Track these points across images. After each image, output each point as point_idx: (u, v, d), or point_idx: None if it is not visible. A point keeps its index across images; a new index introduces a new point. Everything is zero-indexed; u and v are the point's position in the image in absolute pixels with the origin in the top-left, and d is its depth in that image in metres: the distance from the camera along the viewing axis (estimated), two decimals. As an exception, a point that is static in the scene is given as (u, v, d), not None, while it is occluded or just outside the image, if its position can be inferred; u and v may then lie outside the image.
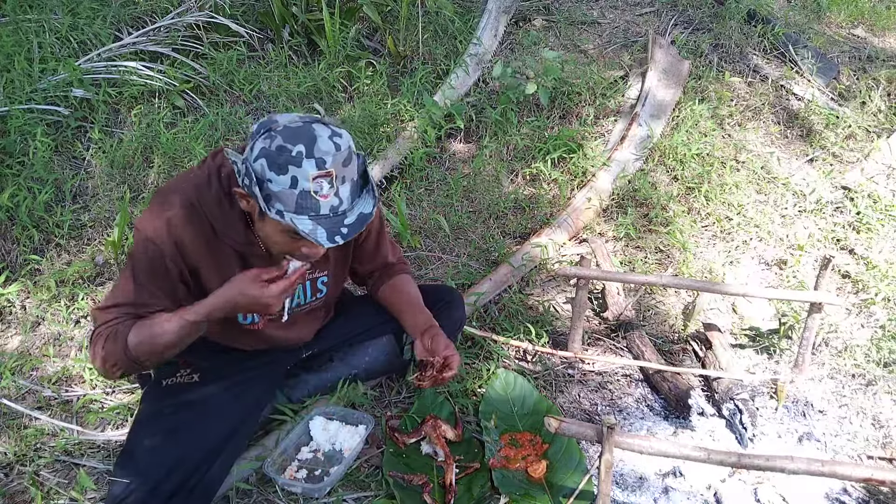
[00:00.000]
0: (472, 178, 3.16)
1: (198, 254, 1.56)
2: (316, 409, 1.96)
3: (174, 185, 1.59)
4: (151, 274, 1.55)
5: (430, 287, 2.42)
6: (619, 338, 2.49)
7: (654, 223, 2.98)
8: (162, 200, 1.55)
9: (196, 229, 1.54)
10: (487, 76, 3.72)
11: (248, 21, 3.72)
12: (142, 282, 1.55)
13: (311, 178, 1.37)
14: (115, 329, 1.52)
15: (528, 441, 1.96)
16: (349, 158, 1.43)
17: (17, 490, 1.80)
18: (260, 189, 1.39)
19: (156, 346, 1.52)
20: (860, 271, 2.75)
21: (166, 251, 1.53)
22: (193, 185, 1.56)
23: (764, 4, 4.35)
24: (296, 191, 1.38)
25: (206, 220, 1.55)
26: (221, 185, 1.55)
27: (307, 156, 1.37)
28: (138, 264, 1.55)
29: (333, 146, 1.40)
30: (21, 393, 2.12)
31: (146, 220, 1.54)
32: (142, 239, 1.53)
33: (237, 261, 1.62)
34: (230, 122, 3.20)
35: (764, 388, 2.31)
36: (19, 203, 2.66)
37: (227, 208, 1.56)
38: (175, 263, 1.55)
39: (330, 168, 1.38)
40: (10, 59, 3.12)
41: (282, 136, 1.39)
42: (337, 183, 1.41)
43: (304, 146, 1.38)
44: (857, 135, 3.49)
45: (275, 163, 1.37)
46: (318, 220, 1.40)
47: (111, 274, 2.61)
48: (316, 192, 1.39)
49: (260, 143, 1.40)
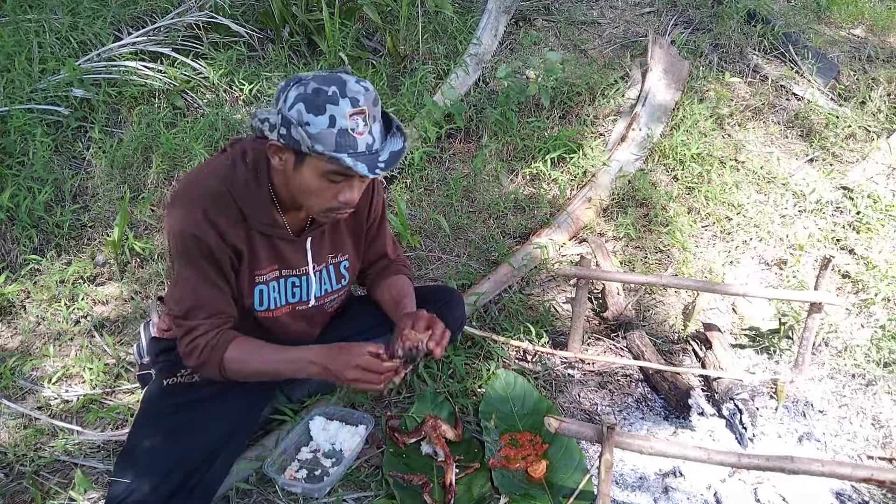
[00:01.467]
0: (472, 178, 3.16)
1: (235, 237, 1.61)
2: (316, 409, 1.96)
3: (197, 178, 1.61)
4: (206, 267, 1.58)
5: (430, 287, 2.42)
6: (619, 338, 2.49)
7: (654, 223, 2.98)
8: (190, 195, 1.57)
9: (229, 214, 1.58)
10: (487, 76, 3.72)
11: (248, 21, 3.72)
12: (201, 279, 1.59)
13: (347, 115, 1.44)
14: (212, 343, 1.60)
15: (528, 441, 1.96)
16: (376, 99, 1.50)
17: (17, 490, 1.80)
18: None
19: (249, 371, 1.64)
20: (860, 271, 2.75)
21: (212, 242, 1.56)
22: (220, 171, 1.60)
23: (764, 4, 4.35)
24: (334, 129, 1.43)
25: (236, 205, 1.59)
26: (248, 169, 1.60)
27: (342, 95, 1.44)
28: (190, 264, 1.58)
29: (362, 87, 1.47)
30: (21, 393, 2.12)
31: (181, 218, 1.55)
32: (185, 238, 1.55)
33: (265, 242, 1.66)
34: (230, 122, 3.20)
35: (764, 388, 2.31)
36: (19, 203, 2.66)
37: (254, 189, 1.61)
38: (222, 251, 1.59)
39: (363, 106, 1.45)
40: (10, 59, 3.13)
41: (315, 82, 1.45)
42: (370, 121, 1.48)
43: (337, 87, 1.44)
44: (857, 135, 3.49)
45: (312, 104, 1.43)
46: (356, 156, 1.46)
47: (111, 274, 2.61)
48: (353, 129, 1.45)
49: (294, 92, 1.45)
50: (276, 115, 1.48)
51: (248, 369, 1.63)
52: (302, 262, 1.74)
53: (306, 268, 1.75)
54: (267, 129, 1.52)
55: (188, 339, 1.60)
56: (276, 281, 1.72)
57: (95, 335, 2.35)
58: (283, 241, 1.68)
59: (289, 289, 1.75)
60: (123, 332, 2.38)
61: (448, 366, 2.19)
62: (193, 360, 1.61)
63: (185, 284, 1.59)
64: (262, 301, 1.72)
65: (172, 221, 1.57)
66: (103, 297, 2.51)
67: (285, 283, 1.74)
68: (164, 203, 1.66)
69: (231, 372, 1.62)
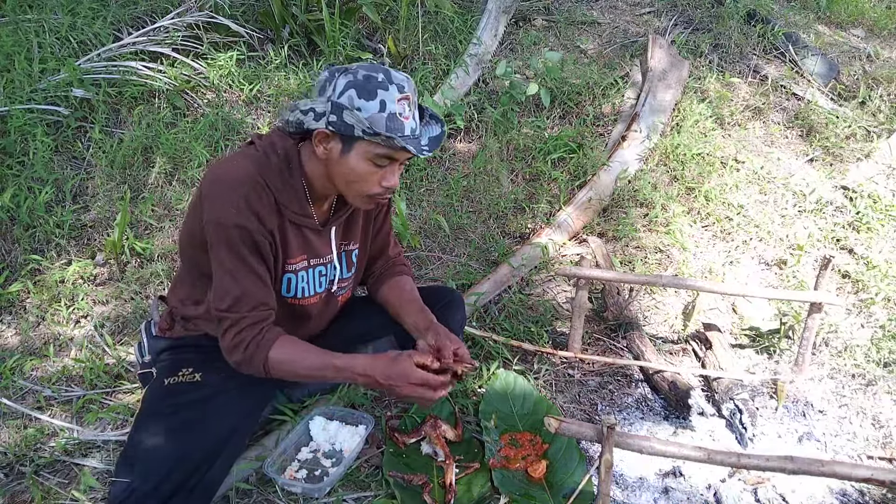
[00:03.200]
0: (472, 178, 3.16)
1: (270, 224, 1.63)
2: (316, 409, 1.96)
3: (233, 167, 1.61)
4: (249, 258, 1.60)
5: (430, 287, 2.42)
6: (619, 338, 2.49)
7: (654, 223, 2.98)
8: (229, 184, 1.58)
9: (265, 201, 1.61)
10: (487, 76, 3.72)
11: (248, 21, 3.72)
12: (245, 270, 1.60)
13: (396, 100, 1.51)
14: (257, 340, 1.61)
15: (528, 441, 1.96)
16: (415, 88, 1.59)
17: (17, 490, 1.80)
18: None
19: (293, 373, 1.65)
20: (860, 271, 2.75)
21: (253, 228, 1.58)
22: (254, 162, 1.62)
23: (764, 4, 4.35)
24: (384, 114, 1.50)
25: (271, 193, 1.62)
26: (280, 160, 1.64)
27: (390, 82, 1.51)
28: (235, 255, 1.59)
29: (404, 76, 1.55)
30: (21, 393, 2.12)
31: (224, 208, 1.56)
32: (228, 227, 1.56)
33: (296, 232, 1.70)
34: (230, 122, 3.20)
35: (764, 388, 2.31)
36: (20, 203, 2.66)
37: (287, 179, 1.64)
38: (263, 236, 1.61)
39: (408, 92, 1.54)
40: (10, 59, 3.12)
41: (363, 70, 1.52)
42: (412, 107, 1.56)
43: (384, 75, 1.52)
44: (857, 135, 3.50)
45: (364, 89, 1.49)
46: (404, 139, 1.53)
47: (111, 274, 2.61)
48: (400, 113, 1.52)
49: (343, 80, 1.51)
50: (324, 103, 1.52)
51: (292, 371, 1.64)
52: (327, 250, 1.78)
53: (331, 255, 1.80)
54: (311, 119, 1.54)
55: (233, 333, 1.61)
56: (304, 271, 1.75)
57: (95, 335, 2.35)
58: (311, 230, 1.72)
59: (317, 278, 1.79)
60: (123, 332, 2.38)
61: (448, 366, 2.19)
62: (238, 356, 1.62)
63: (228, 276, 1.60)
64: (289, 289, 1.75)
65: (213, 211, 1.57)
66: (103, 297, 2.51)
67: (314, 273, 1.78)
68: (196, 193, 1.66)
69: (275, 372, 1.63)
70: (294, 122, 1.59)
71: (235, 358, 1.64)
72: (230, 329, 1.61)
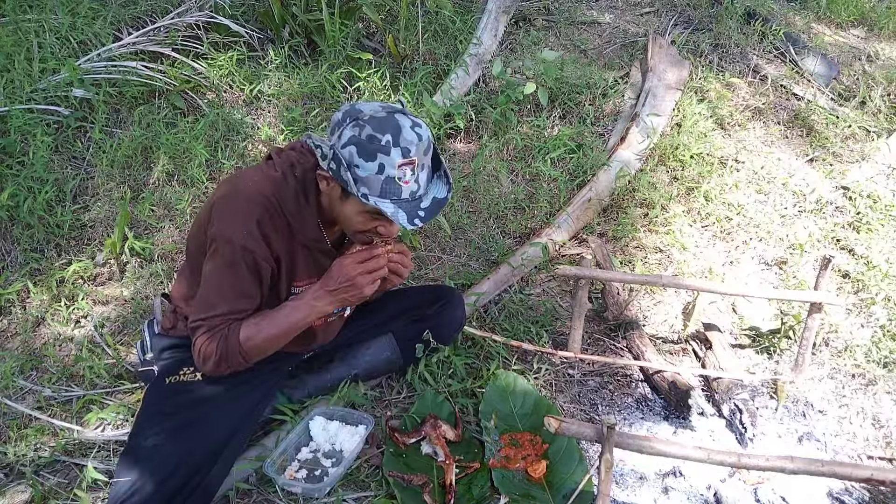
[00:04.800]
0: (472, 178, 3.16)
1: (279, 249, 1.64)
2: (316, 409, 1.96)
3: (251, 186, 1.62)
4: (248, 279, 1.61)
5: (430, 287, 2.42)
6: (619, 338, 2.49)
7: (654, 223, 2.98)
8: (244, 204, 1.59)
9: (277, 226, 1.62)
10: (487, 76, 3.72)
11: (248, 21, 3.72)
12: (238, 290, 1.61)
13: (397, 165, 1.47)
14: (223, 333, 1.61)
15: (528, 441, 1.96)
16: (428, 147, 1.53)
17: (17, 490, 1.80)
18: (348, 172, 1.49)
19: (264, 340, 1.64)
20: (860, 271, 2.75)
21: (259, 253, 1.59)
22: (271, 183, 1.62)
23: (763, 4, 4.35)
24: (381, 176, 1.47)
25: (285, 217, 1.63)
26: (297, 183, 1.64)
27: (394, 145, 1.47)
28: (234, 275, 1.60)
29: (416, 136, 1.50)
30: (21, 393, 2.12)
31: (234, 226, 1.58)
32: (235, 248, 1.57)
33: (306, 254, 1.71)
34: (230, 122, 3.20)
35: (764, 388, 2.31)
36: (20, 203, 2.66)
37: (303, 204, 1.64)
38: (267, 262, 1.62)
39: (413, 157, 1.49)
40: (10, 59, 3.12)
41: (370, 126, 1.48)
42: (417, 170, 1.51)
43: (392, 136, 1.47)
44: (857, 135, 3.50)
45: (365, 150, 1.47)
46: (398, 203, 1.50)
47: (111, 274, 2.61)
48: (399, 178, 1.48)
49: (349, 132, 1.49)
50: (328, 147, 1.51)
51: (263, 337, 1.64)
52: None
53: None
54: (319, 156, 1.55)
55: (206, 338, 1.61)
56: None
57: (95, 335, 2.34)
58: (322, 253, 1.73)
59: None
60: (123, 332, 2.38)
61: (448, 366, 2.19)
62: (212, 360, 1.62)
63: (217, 291, 1.61)
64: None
65: (225, 228, 1.58)
66: (103, 297, 2.51)
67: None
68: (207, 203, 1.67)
69: (250, 349, 1.63)
70: (310, 149, 1.63)
71: (210, 363, 1.63)
72: (203, 335, 1.62)
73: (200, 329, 1.63)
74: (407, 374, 2.15)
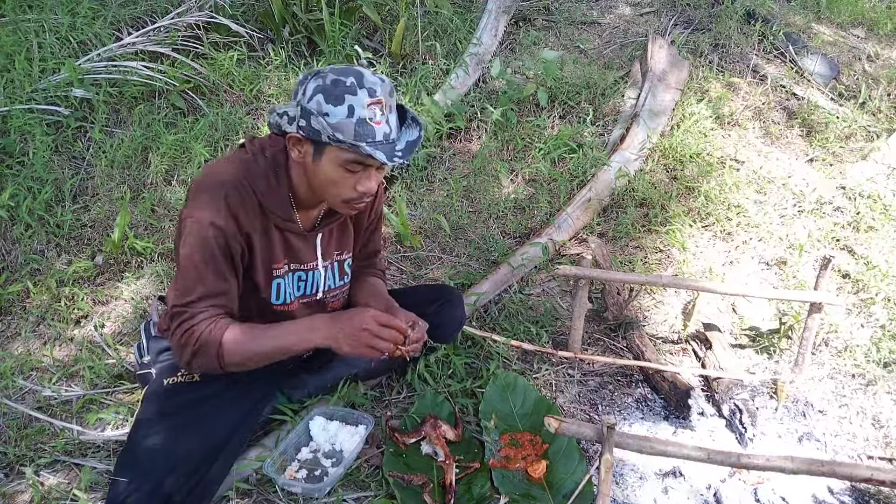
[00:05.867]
0: (472, 178, 3.16)
1: (250, 227, 1.62)
2: (316, 409, 1.96)
3: (219, 169, 1.62)
4: (220, 258, 1.58)
5: (430, 286, 2.42)
6: (619, 338, 2.49)
7: (654, 223, 2.98)
8: (212, 185, 1.58)
9: (248, 204, 1.61)
10: (487, 76, 3.72)
11: (248, 21, 3.72)
12: (212, 269, 1.58)
13: (365, 105, 1.47)
14: (209, 326, 1.56)
15: (528, 441, 1.96)
16: (392, 91, 1.54)
17: (17, 490, 1.80)
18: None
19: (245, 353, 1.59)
20: (860, 271, 2.75)
21: (229, 231, 1.57)
22: (240, 164, 1.62)
23: (763, 4, 4.35)
24: (353, 119, 1.47)
25: (255, 197, 1.62)
26: (267, 162, 1.63)
27: (359, 86, 1.47)
28: (205, 252, 1.56)
29: (378, 79, 1.51)
30: (21, 393, 2.12)
31: (202, 207, 1.56)
32: (204, 226, 1.55)
33: (279, 236, 1.69)
34: (230, 122, 3.20)
35: (764, 388, 2.31)
36: (19, 203, 2.66)
37: (273, 184, 1.63)
38: (237, 241, 1.60)
39: (380, 96, 1.49)
40: (10, 59, 3.12)
41: (333, 73, 1.49)
42: (386, 111, 1.51)
43: (355, 78, 1.48)
44: (857, 135, 3.49)
45: (331, 95, 1.47)
46: (374, 145, 1.49)
47: (111, 274, 2.61)
48: (370, 118, 1.48)
49: (312, 84, 1.49)
50: (295, 107, 1.51)
51: (246, 349, 1.58)
52: (311, 257, 1.78)
53: (314, 262, 1.79)
54: (286, 122, 1.54)
55: (185, 327, 1.56)
56: (286, 275, 1.76)
57: (95, 335, 2.34)
58: (296, 235, 1.72)
59: (295, 282, 1.78)
60: (123, 331, 2.38)
61: (448, 366, 2.19)
62: (189, 350, 1.56)
63: (194, 273, 1.57)
64: (279, 295, 1.75)
65: (193, 210, 1.57)
66: (103, 297, 2.51)
67: (293, 277, 1.78)
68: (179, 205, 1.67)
69: (229, 355, 1.57)
70: (274, 125, 1.60)
71: (186, 352, 1.57)
72: (183, 323, 1.56)
73: (179, 317, 1.57)
74: (407, 374, 2.15)
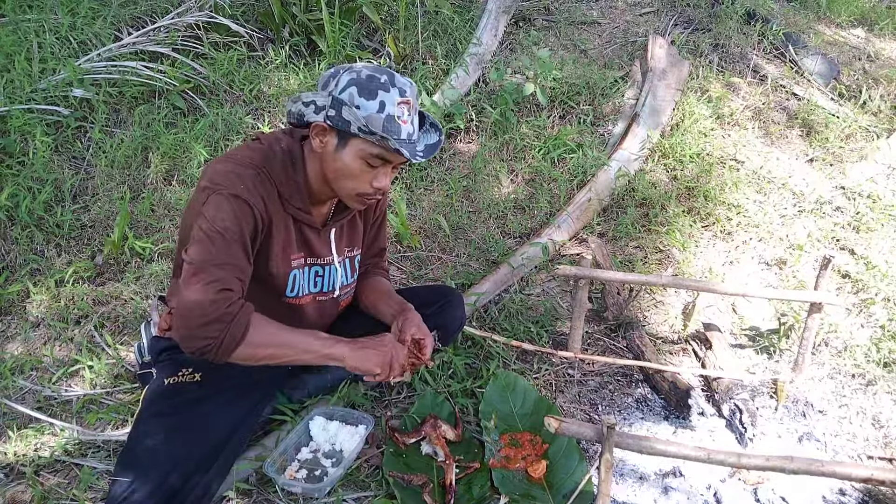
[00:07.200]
0: (472, 178, 3.16)
1: (274, 212, 1.63)
2: (316, 409, 1.96)
3: (236, 155, 1.62)
4: (245, 236, 1.55)
5: (430, 287, 2.42)
6: (619, 338, 2.49)
7: (654, 223, 2.98)
8: (230, 167, 1.57)
9: (268, 191, 1.61)
10: (487, 76, 3.72)
11: (248, 21, 3.72)
12: (239, 243, 1.53)
13: (396, 103, 1.52)
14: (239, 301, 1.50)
15: (528, 441, 1.96)
16: (417, 95, 1.60)
17: (17, 490, 1.80)
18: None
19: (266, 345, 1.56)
20: (860, 271, 2.75)
21: (257, 208, 1.56)
22: (259, 153, 1.63)
23: (763, 4, 4.35)
24: (382, 115, 1.51)
25: (274, 185, 1.63)
26: (284, 153, 1.65)
27: (391, 84, 1.53)
28: (233, 223, 1.52)
29: (407, 81, 1.57)
30: (21, 393, 2.12)
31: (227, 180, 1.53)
32: (230, 198, 1.51)
33: (296, 227, 1.70)
34: (230, 122, 3.20)
35: (764, 388, 2.31)
36: (19, 203, 2.66)
37: (290, 173, 1.65)
38: (262, 219, 1.59)
39: (409, 97, 1.55)
40: (10, 59, 3.12)
41: (367, 70, 1.54)
42: (413, 112, 1.57)
43: (388, 77, 1.53)
44: (857, 135, 3.49)
45: (365, 89, 1.51)
46: (400, 142, 1.53)
47: (111, 274, 2.61)
48: (398, 116, 1.53)
49: (346, 76, 1.52)
50: (325, 97, 1.53)
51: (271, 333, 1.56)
52: (326, 252, 1.79)
53: (330, 258, 1.80)
54: (312, 111, 1.55)
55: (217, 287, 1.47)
56: (301, 269, 1.76)
57: (95, 335, 2.34)
58: (310, 229, 1.73)
59: (312, 277, 1.79)
60: (123, 332, 2.38)
61: (448, 366, 2.19)
62: (218, 310, 1.46)
63: (219, 241, 1.50)
64: (293, 287, 1.76)
65: (218, 180, 1.53)
66: (103, 297, 2.51)
67: (309, 272, 1.78)
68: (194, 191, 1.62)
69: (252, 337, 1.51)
70: (295, 113, 1.60)
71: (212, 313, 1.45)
72: (212, 283, 1.46)
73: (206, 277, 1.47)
74: (407, 374, 2.15)
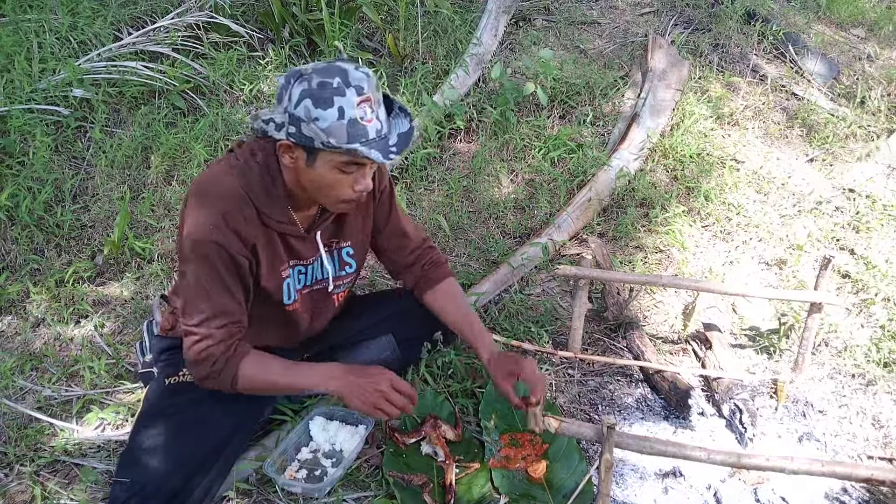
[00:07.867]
0: (472, 178, 3.16)
1: (254, 238, 1.60)
2: (316, 409, 1.96)
3: (213, 179, 1.60)
4: (224, 275, 1.57)
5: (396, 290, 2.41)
6: (619, 338, 2.49)
7: (654, 223, 2.98)
8: (208, 199, 1.56)
9: (247, 215, 1.58)
10: (487, 76, 3.72)
11: (248, 21, 3.72)
12: (220, 287, 1.57)
13: (355, 104, 1.43)
14: (227, 354, 1.60)
15: (528, 441, 1.96)
16: (377, 83, 1.50)
17: (17, 490, 1.80)
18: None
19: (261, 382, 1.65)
20: (860, 271, 2.75)
21: (232, 247, 1.55)
22: (234, 172, 1.58)
23: (763, 4, 4.35)
24: (344, 121, 1.43)
25: (253, 205, 1.59)
26: (260, 167, 1.60)
27: (346, 85, 1.43)
28: (210, 271, 1.55)
29: (363, 74, 1.47)
30: (21, 393, 2.12)
31: (200, 224, 1.54)
32: (205, 244, 1.53)
33: (281, 241, 1.67)
34: (230, 122, 3.20)
35: (764, 388, 2.31)
36: (19, 203, 2.66)
37: (269, 188, 1.60)
38: (242, 255, 1.58)
39: (368, 93, 1.45)
40: (10, 59, 3.12)
41: (317, 75, 1.44)
42: (375, 107, 1.48)
43: (340, 78, 1.44)
44: (857, 135, 3.49)
45: (319, 98, 1.42)
46: (367, 144, 1.46)
47: (111, 274, 2.61)
48: (361, 118, 1.45)
49: (297, 88, 1.44)
50: (282, 113, 1.48)
51: (261, 379, 1.64)
52: (312, 253, 1.77)
53: (316, 255, 1.78)
54: (273, 129, 1.50)
55: (201, 347, 1.58)
56: (291, 276, 1.75)
57: (95, 335, 2.35)
58: (295, 237, 1.70)
59: (296, 276, 1.78)
60: (123, 331, 2.38)
61: (448, 366, 2.19)
62: (204, 370, 1.60)
63: (201, 292, 1.56)
64: (289, 295, 1.75)
65: (192, 226, 1.54)
66: (103, 297, 2.51)
67: (294, 272, 1.77)
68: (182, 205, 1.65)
69: (243, 383, 1.62)
70: (258, 131, 1.56)
71: (201, 372, 1.61)
72: (198, 342, 1.58)
73: (194, 337, 1.59)
74: (407, 374, 2.15)
